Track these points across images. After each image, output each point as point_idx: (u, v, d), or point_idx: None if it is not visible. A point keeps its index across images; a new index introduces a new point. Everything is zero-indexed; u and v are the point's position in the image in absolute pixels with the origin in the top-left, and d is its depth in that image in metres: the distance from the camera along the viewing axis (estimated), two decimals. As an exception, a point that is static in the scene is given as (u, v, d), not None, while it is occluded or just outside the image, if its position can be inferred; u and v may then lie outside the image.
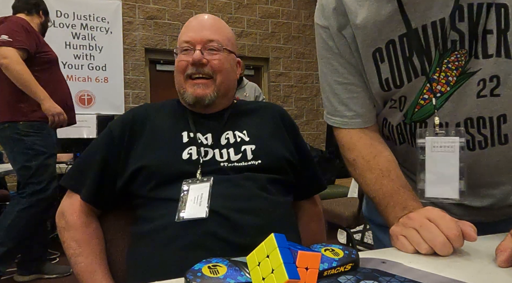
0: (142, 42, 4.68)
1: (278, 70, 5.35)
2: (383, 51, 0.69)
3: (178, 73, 0.90)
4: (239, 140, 0.87)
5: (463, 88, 0.65)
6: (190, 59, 0.86)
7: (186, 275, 0.46)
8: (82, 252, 0.81)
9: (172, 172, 0.80)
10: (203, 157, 0.82)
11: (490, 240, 0.63)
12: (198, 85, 0.87)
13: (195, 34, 0.88)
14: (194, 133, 0.86)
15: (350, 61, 0.74)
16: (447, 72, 0.65)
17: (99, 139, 0.90)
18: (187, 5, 4.86)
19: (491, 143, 0.67)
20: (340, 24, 0.72)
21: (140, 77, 4.70)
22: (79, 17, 4.41)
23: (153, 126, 0.87)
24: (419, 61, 0.66)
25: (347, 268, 0.51)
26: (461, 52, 0.63)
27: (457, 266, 0.54)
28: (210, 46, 0.88)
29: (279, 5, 5.33)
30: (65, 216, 0.84)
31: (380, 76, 0.71)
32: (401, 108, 0.72)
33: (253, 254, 0.42)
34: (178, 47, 0.90)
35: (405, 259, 0.56)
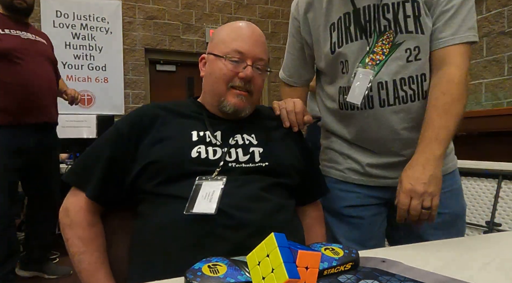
0: (142, 42, 4.68)
1: (278, 70, 5.34)
2: (335, 24, 0.99)
3: (219, 80, 0.89)
4: (248, 143, 0.89)
5: (395, 54, 0.93)
6: (239, 72, 0.87)
7: (186, 274, 0.46)
8: (87, 251, 0.81)
9: (180, 169, 0.80)
10: (212, 156, 0.83)
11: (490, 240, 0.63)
12: (240, 97, 0.88)
13: (248, 47, 0.88)
14: (203, 132, 0.87)
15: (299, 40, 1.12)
16: (382, 46, 0.94)
17: (106, 136, 0.89)
18: (187, 5, 4.86)
19: (416, 97, 0.95)
20: (306, 8, 1.05)
21: (140, 77, 4.70)
22: (79, 17, 4.41)
23: (163, 124, 0.87)
24: (358, 35, 0.96)
25: (347, 267, 0.51)
26: (390, 31, 0.94)
27: (457, 265, 0.54)
28: (259, 64, 0.90)
29: (279, 5, 5.33)
30: (69, 214, 0.84)
31: (331, 41, 1.00)
32: (347, 70, 0.99)
33: (253, 254, 0.42)
34: (224, 53, 0.89)
35: (405, 258, 0.56)
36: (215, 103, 0.91)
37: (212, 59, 0.91)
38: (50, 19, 4.28)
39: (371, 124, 0.98)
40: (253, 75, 0.88)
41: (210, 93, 0.92)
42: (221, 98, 0.89)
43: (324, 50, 1.02)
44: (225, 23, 0.98)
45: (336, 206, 1.08)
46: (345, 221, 1.07)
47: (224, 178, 0.78)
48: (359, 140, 1.04)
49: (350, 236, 1.06)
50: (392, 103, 0.95)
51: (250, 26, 0.92)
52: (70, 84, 4.39)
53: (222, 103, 0.89)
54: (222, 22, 5.00)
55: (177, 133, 0.86)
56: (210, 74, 0.91)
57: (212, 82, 0.91)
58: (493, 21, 3.22)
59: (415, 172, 0.86)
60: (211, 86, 0.91)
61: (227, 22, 5.13)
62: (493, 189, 2.20)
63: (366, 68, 0.94)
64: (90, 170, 0.85)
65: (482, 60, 3.32)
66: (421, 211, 0.83)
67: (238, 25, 0.92)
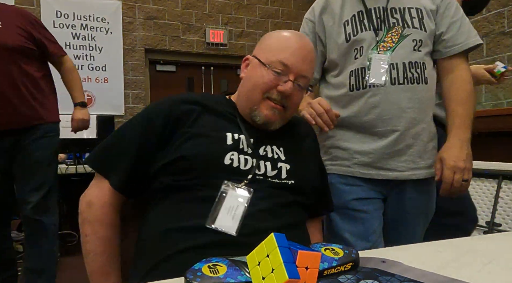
0: (142, 42, 4.68)
1: (278, 71, 5.34)
2: (348, 20, 1.15)
3: (257, 88, 0.85)
4: (276, 157, 0.86)
5: (404, 43, 1.10)
6: (279, 84, 0.84)
7: (186, 274, 0.46)
8: (103, 252, 0.79)
9: (210, 174, 0.77)
10: (243, 166, 0.80)
11: (489, 239, 0.63)
12: (274, 110, 0.85)
13: (294, 61, 0.84)
14: (238, 136, 0.84)
15: (312, 39, 1.24)
16: (392, 37, 1.11)
17: (135, 123, 0.85)
18: (187, 5, 4.86)
19: (420, 81, 1.10)
20: (321, 11, 1.22)
21: (140, 78, 4.70)
22: (79, 17, 4.41)
23: (197, 119, 0.84)
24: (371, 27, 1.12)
25: (347, 267, 0.51)
26: (398, 26, 1.11)
27: (456, 265, 0.54)
28: (301, 81, 0.86)
29: (279, 5, 5.33)
30: (92, 208, 0.80)
31: (345, 33, 1.14)
32: (361, 54, 1.12)
33: (253, 254, 0.42)
34: (269, 61, 0.85)
35: (405, 258, 0.56)
36: (247, 110, 0.88)
37: (255, 64, 0.88)
38: (50, 19, 4.28)
39: (381, 101, 1.09)
40: (292, 92, 0.84)
41: (244, 98, 0.89)
42: (254, 106, 0.86)
43: (339, 41, 1.16)
44: (225, 23, 0.97)
45: (342, 201, 1.13)
46: (351, 215, 1.13)
47: (252, 191, 0.76)
48: (365, 122, 1.12)
49: (354, 231, 1.11)
50: (402, 82, 1.08)
51: (302, 39, 0.88)
52: (70, 84, 4.39)
53: (254, 112, 0.86)
54: (222, 22, 5.00)
55: (211, 132, 0.82)
56: (249, 79, 0.88)
57: (249, 87, 0.87)
58: (493, 21, 3.22)
59: (454, 152, 1.07)
60: (247, 91, 0.88)
61: (227, 22, 5.14)
62: (493, 189, 2.20)
63: (380, 53, 1.10)
64: (116, 157, 0.81)
65: (482, 60, 3.32)
66: (462, 183, 1.05)
67: (290, 36, 0.88)
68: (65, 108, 4.72)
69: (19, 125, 1.84)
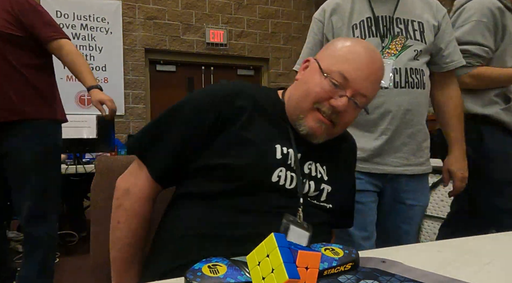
0: (142, 42, 4.68)
1: (278, 70, 5.35)
2: (357, 24, 1.23)
3: (308, 95, 0.76)
4: (319, 177, 0.80)
5: (406, 52, 1.19)
6: (333, 98, 0.75)
7: (186, 274, 0.46)
8: (133, 243, 0.76)
9: (255, 189, 0.72)
10: (288, 184, 0.74)
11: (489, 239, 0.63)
12: (321, 123, 0.76)
13: (357, 77, 0.75)
14: (287, 150, 0.77)
15: (319, 38, 1.32)
16: (396, 45, 1.20)
17: (185, 113, 0.77)
18: (187, 5, 4.86)
19: (419, 86, 1.20)
20: (331, 13, 1.27)
21: (140, 78, 4.70)
22: (79, 17, 4.41)
23: (248, 120, 0.76)
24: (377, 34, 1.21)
25: (347, 267, 0.51)
26: (402, 36, 1.20)
27: (456, 265, 0.54)
28: (358, 100, 0.76)
29: (279, 5, 5.33)
30: (130, 197, 0.76)
31: (353, 35, 1.22)
32: None
33: (253, 254, 0.42)
34: (329, 70, 0.76)
35: (405, 258, 0.56)
36: (294, 116, 0.80)
37: (314, 69, 0.79)
38: (50, 19, 4.28)
39: (384, 102, 1.17)
40: (346, 109, 0.75)
41: (294, 102, 0.80)
42: (301, 114, 0.78)
43: None
44: (225, 23, 0.94)
45: None
46: None
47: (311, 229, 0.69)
48: (368, 120, 1.19)
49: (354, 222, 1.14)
50: (403, 86, 1.17)
51: (372, 55, 0.78)
52: (70, 84, 4.39)
53: (300, 121, 0.78)
54: (222, 22, 5.00)
55: (261, 141, 0.75)
56: (304, 84, 0.80)
57: (301, 93, 0.79)
58: (493, 21, 3.21)
59: (460, 164, 1.29)
60: (298, 97, 0.79)
61: (227, 22, 5.12)
62: (493, 189, 2.19)
63: (387, 59, 1.18)
64: (158, 147, 0.76)
65: (482, 60, 3.31)
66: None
67: (359, 47, 0.78)
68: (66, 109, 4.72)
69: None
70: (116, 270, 0.77)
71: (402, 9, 1.21)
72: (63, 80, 4.34)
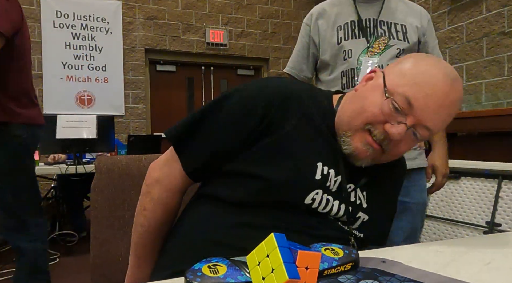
0: (142, 42, 4.68)
1: (278, 70, 5.34)
2: (341, 26, 1.30)
3: (361, 114, 0.67)
4: (358, 203, 0.73)
5: (389, 51, 1.25)
6: (389, 123, 0.65)
7: (186, 274, 0.46)
8: (155, 232, 0.74)
9: (284, 208, 0.66)
10: (322, 208, 0.68)
11: (490, 240, 0.63)
12: (368, 146, 0.67)
13: (425, 106, 0.63)
14: (327, 170, 0.69)
15: (306, 41, 1.40)
16: (379, 44, 1.26)
17: (229, 111, 0.70)
18: (187, 5, 4.86)
19: None
20: (317, 17, 1.35)
21: (140, 78, 4.70)
22: (79, 17, 4.41)
23: (294, 129, 0.69)
24: (361, 35, 1.28)
25: (347, 267, 0.51)
26: (385, 37, 1.27)
27: (456, 265, 0.54)
28: (419, 131, 0.66)
29: (279, 5, 5.33)
30: (160, 186, 0.73)
31: (337, 37, 1.30)
32: (350, 57, 1.27)
33: (253, 254, 0.42)
34: (393, 91, 0.65)
35: (405, 258, 0.56)
36: (340, 131, 0.71)
37: (377, 84, 0.68)
38: (50, 19, 4.28)
39: None
40: (401, 139, 0.65)
41: (345, 116, 0.71)
42: (348, 131, 0.69)
43: (331, 42, 1.31)
44: (225, 23, 0.90)
45: None
46: None
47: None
48: None
49: None
50: None
51: (451, 83, 0.64)
52: (70, 84, 4.40)
53: (344, 138, 0.69)
54: (222, 22, 5.00)
55: (302, 156, 0.68)
56: (361, 98, 0.69)
57: (356, 107, 0.69)
58: (493, 21, 3.22)
59: (444, 160, 1.34)
60: (351, 112, 0.70)
61: (227, 22, 5.13)
62: (493, 189, 2.20)
63: (369, 57, 1.23)
64: (196, 143, 0.71)
65: (482, 60, 3.32)
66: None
67: (436, 70, 0.64)
68: (65, 108, 4.71)
69: None
70: (135, 255, 0.76)
71: (386, 12, 1.29)
72: (63, 80, 4.34)
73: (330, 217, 0.69)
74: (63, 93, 4.33)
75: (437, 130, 0.68)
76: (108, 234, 0.90)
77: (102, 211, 0.90)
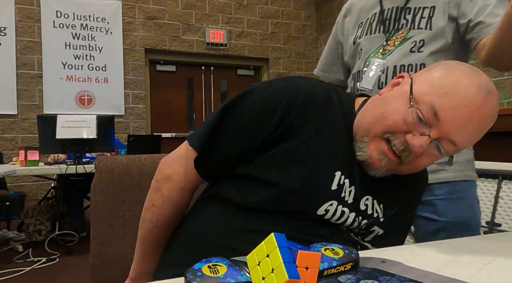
0: (142, 42, 4.68)
1: (278, 71, 5.35)
2: (363, 22, 1.16)
3: (381, 121, 0.62)
4: (375, 216, 0.69)
5: (402, 47, 1.05)
6: (410, 133, 0.60)
7: (186, 274, 0.46)
8: (163, 228, 0.73)
9: (295, 218, 0.64)
10: (336, 219, 0.65)
11: (490, 240, 0.63)
12: (384, 156, 0.63)
13: (453, 120, 0.58)
14: (344, 180, 0.66)
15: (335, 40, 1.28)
16: (395, 39, 1.08)
17: (249, 112, 0.66)
18: (187, 5, 4.86)
19: None
20: (345, 13, 1.24)
21: (140, 78, 4.70)
22: (79, 17, 4.41)
23: (313, 134, 0.65)
24: (379, 30, 1.11)
25: (347, 267, 0.51)
26: (405, 29, 1.07)
27: (456, 265, 0.54)
28: (444, 146, 0.60)
29: (279, 5, 5.33)
30: (170, 184, 0.71)
31: (355, 35, 1.16)
32: (359, 57, 1.13)
33: (253, 254, 0.42)
34: (419, 99, 0.59)
35: (405, 258, 0.56)
36: (357, 136, 0.67)
37: (403, 90, 0.63)
38: (50, 19, 4.28)
39: None
40: (423, 152, 0.60)
41: (364, 121, 0.66)
42: (365, 137, 0.65)
43: (349, 42, 1.19)
44: (225, 23, 0.89)
45: None
46: None
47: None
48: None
49: None
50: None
51: (485, 96, 0.58)
52: (70, 84, 4.40)
53: (360, 144, 0.65)
54: (222, 22, 5.00)
55: (319, 165, 0.64)
56: (384, 103, 0.64)
57: (377, 113, 0.64)
58: (493, 21, 3.22)
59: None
60: (372, 117, 0.65)
61: (227, 22, 5.13)
62: (493, 189, 2.20)
63: (377, 58, 1.08)
64: (212, 144, 0.68)
65: (482, 60, 3.32)
66: None
67: (469, 80, 0.58)
68: (65, 108, 4.71)
69: None
70: (141, 249, 0.76)
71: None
72: (63, 80, 4.34)
73: (343, 227, 0.66)
74: (63, 93, 4.33)
75: (464, 147, 0.62)
76: (108, 234, 0.90)
77: (102, 211, 0.90)
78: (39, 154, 2.96)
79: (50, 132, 2.83)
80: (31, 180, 4.16)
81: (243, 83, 5.32)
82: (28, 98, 4.22)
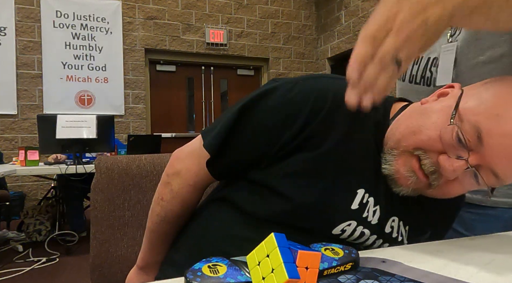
0: (142, 42, 4.68)
1: (278, 71, 5.35)
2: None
3: (415, 135, 0.54)
4: (400, 240, 0.63)
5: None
6: (446, 154, 0.51)
7: (186, 274, 0.46)
8: (171, 222, 0.72)
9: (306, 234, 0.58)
10: (353, 238, 0.60)
11: (490, 240, 0.63)
12: (412, 175, 0.55)
13: (500, 146, 0.48)
14: (367, 198, 0.59)
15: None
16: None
17: (272, 112, 0.60)
18: (187, 5, 4.86)
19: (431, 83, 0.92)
20: None
21: (140, 78, 4.70)
22: (79, 17, 4.41)
23: (338, 144, 0.58)
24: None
25: (347, 267, 0.51)
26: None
27: (457, 265, 0.54)
28: (483, 177, 0.51)
29: (279, 5, 5.33)
30: (180, 180, 0.68)
31: None
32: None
33: (253, 254, 0.42)
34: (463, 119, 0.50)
35: (405, 258, 0.56)
36: (386, 146, 0.59)
37: (448, 104, 0.53)
38: (50, 19, 4.28)
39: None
40: (457, 178, 0.53)
41: (397, 131, 0.58)
42: (394, 150, 0.57)
43: None
44: (225, 23, 0.89)
45: None
46: None
47: None
48: None
49: None
50: (418, 82, 0.91)
51: None
52: (70, 84, 4.40)
53: (387, 156, 0.58)
54: (222, 22, 5.00)
55: (340, 181, 0.58)
56: (422, 115, 0.56)
57: (412, 124, 0.56)
58: (493, 21, 3.22)
59: None
60: (405, 128, 0.56)
61: (227, 22, 5.16)
62: (493, 189, 2.20)
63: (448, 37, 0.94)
64: (226, 146, 0.64)
65: (482, 60, 3.32)
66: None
67: None
68: (65, 108, 4.71)
69: None
70: (149, 240, 0.75)
71: None
72: (63, 80, 4.35)
73: (360, 245, 0.61)
74: (63, 93, 4.34)
75: (508, 181, 0.52)
76: (108, 234, 0.90)
77: (102, 211, 0.90)
78: (39, 153, 2.96)
79: (50, 132, 2.83)
80: (31, 180, 4.17)
81: (243, 83, 5.33)
82: (28, 98, 4.22)
